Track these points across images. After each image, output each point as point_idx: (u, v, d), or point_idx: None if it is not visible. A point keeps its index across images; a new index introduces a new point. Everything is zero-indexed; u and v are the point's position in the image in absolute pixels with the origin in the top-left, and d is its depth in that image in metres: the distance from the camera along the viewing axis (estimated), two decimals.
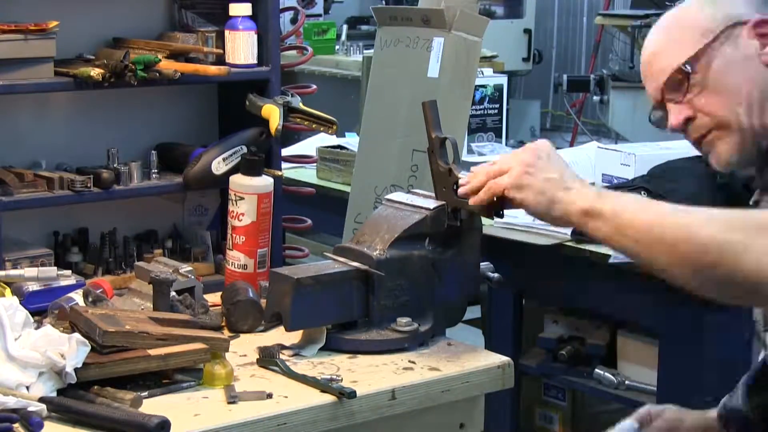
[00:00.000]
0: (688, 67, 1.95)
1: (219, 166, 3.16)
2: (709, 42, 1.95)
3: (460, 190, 2.03)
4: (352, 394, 1.94)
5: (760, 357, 2.10)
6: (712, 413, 2.16)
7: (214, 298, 2.39)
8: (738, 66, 1.94)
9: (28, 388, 1.86)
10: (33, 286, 2.36)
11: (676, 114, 1.99)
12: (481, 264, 2.27)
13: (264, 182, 2.58)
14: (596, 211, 1.83)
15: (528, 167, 1.90)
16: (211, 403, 1.91)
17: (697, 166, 3.15)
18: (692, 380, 3.05)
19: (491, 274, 2.27)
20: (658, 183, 3.18)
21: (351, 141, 4.18)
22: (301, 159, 3.79)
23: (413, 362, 2.10)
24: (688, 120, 1.98)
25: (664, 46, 2.01)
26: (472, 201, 1.98)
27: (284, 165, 3.44)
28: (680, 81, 1.97)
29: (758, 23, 1.95)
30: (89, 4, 3.26)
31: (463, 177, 2.08)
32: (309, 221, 3.54)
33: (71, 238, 3.30)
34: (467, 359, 2.13)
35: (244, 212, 2.54)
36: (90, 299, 2.21)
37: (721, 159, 1.99)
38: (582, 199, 1.85)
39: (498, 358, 2.15)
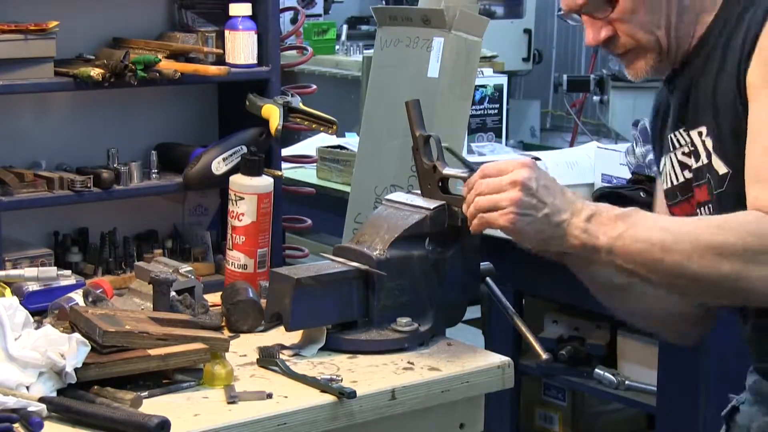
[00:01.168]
0: None
1: (219, 166, 3.16)
2: None
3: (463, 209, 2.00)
4: (352, 394, 1.94)
5: None
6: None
7: (214, 298, 2.39)
8: None
9: (28, 388, 1.86)
10: (33, 286, 2.36)
11: (595, 31, 1.98)
12: (481, 264, 2.27)
13: (264, 182, 2.58)
14: (590, 246, 1.84)
15: (519, 209, 1.86)
16: (211, 403, 1.91)
17: None
18: (692, 380, 3.05)
19: (490, 273, 2.27)
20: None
21: (351, 141, 4.19)
22: (301, 159, 3.79)
23: (413, 362, 2.10)
24: (609, 39, 1.98)
25: None
26: (471, 229, 1.97)
27: (284, 165, 3.44)
28: (603, 1, 1.95)
29: None
30: (89, 4, 3.26)
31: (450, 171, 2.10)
32: (309, 221, 3.54)
33: (71, 238, 3.30)
34: (467, 359, 2.13)
35: (244, 212, 2.54)
36: (90, 299, 2.21)
37: (639, 73, 2.01)
38: (574, 236, 1.85)
39: (498, 358, 2.15)
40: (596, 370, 3.43)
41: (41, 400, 1.83)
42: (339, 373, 2.03)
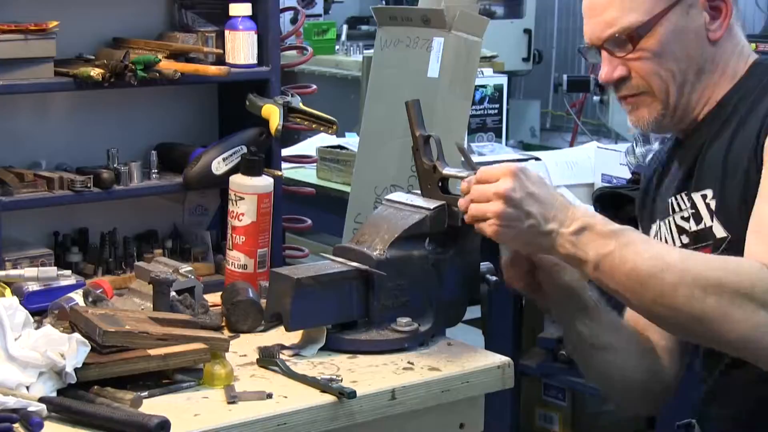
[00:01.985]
0: (640, 32, 1.92)
1: (219, 166, 3.16)
2: (666, 8, 1.92)
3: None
4: (352, 394, 1.94)
5: None
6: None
7: (214, 298, 2.39)
8: (685, 38, 1.93)
9: (28, 388, 1.86)
10: (33, 286, 2.36)
11: (610, 68, 1.97)
12: (481, 264, 2.27)
13: (264, 182, 2.58)
14: (577, 258, 1.83)
15: (502, 221, 1.85)
16: (211, 403, 1.91)
17: None
18: (692, 380, 3.05)
19: (490, 278, 2.27)
20: None
21: (351, 141, 4.19)
22: (301, 159, 3.79)
23: (413, 362, 2.10)
24: (622, 79, 1.97)
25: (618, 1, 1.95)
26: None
27: (284, 165, 3.44)
28: (626, 41, 1.94)
29: None
30: (89, 4, 3.26)
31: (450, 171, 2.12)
32: (309, 221, 3.54)
33: (71, 238, 3.30)
34: (467, 359, 2.13)
35: (244, 212, 2.54)
36: (90, 299, 2.21)
37: (640, 121, 1.99)
38: (562, 246, 1.84)
39: (498, 358, 2.15)
40: None
41: (41, 400, 1.83)
42: (339, 373, 2.03)
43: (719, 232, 1.90)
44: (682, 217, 1.98)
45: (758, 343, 1.73)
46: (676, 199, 2.01)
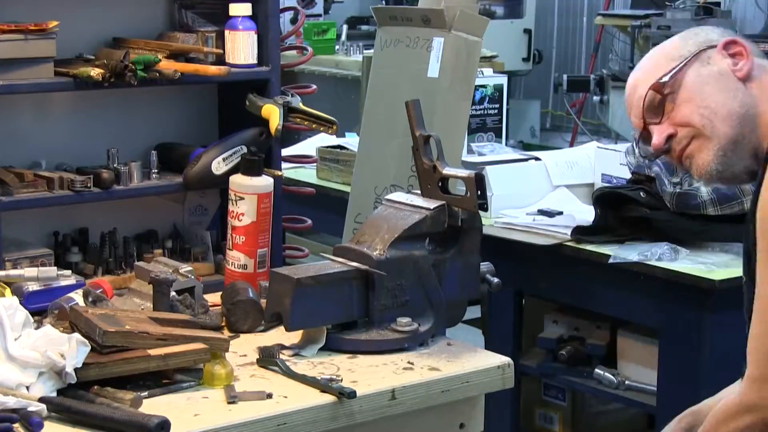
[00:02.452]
0: (662, 85, 2.00)
1: (219, 166, 3.16)
2: (682, 63, 2.02)
3: None
4: (352, 394, 1.94)
5: None
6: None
7: (214, 298, 2.39)
8: (711, 79, 2.01)
9: (28, 388, 1.86)
10: (33, 286, 2.36)
11: (658, 134, 2.04)
12: (481, 264, 2.27)
13: (264, 182, 2.58)
14: None
15: None
16: (211, 403, 1.91)
17: None
18: (692, 380, 3.05)
19: (491, 278, 2.27)
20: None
21: (351, 141, 4.18)
22: (301, 159, 3.79)
23: (413, 362, 2.10)
24: (670, 137, 2.02)
25: (642, 75, 2.07)
26: None
27: (284, 165, 3.44)
28: (657, 102, 2.02)
29: (727, 44, 2.03)
30: (89, 4, 3.26)
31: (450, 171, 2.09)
32: (309, 221, 3.54)
33: (71, 238, 3.30)
34: (467, 359, 2.13)
35: (244, 212, 2.54)
36: (90, 299, 2.21)
37: (701, 169, 2.02)
38: None
39: (498, 358, 2.15)
40: (596, 370, 3.42)
41: (41, 400, 1.83)
42: (339, 373, 2.03)
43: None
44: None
45: None
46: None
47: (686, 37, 2.07)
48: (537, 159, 3.79)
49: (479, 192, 2.14)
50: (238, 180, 2.58)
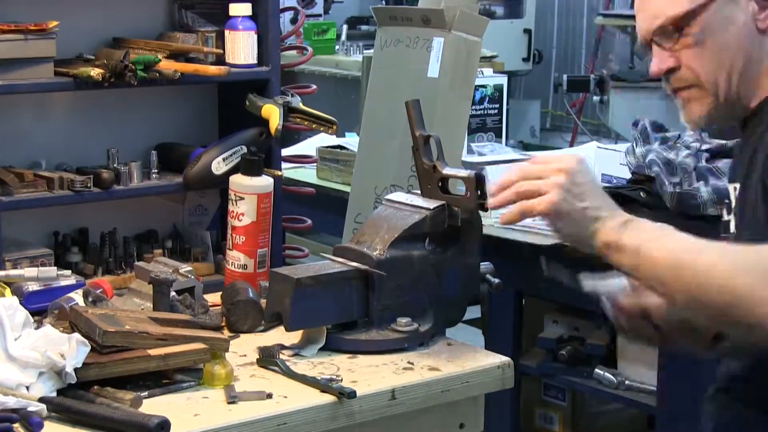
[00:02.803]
0: (685, 21, 1.93)
1: (219, 166, 3.16)
2: None
3: (490, 203, 1.95)
4: (352, 394, 1.94)
5: None
6: None
7: (214, 298, 2.39)
8: (731, 27, 1.92)
9: (28, 388, 1.86)
10: (33, 286, 2.36)
11: (660, 61, 1.97)
12: (481, 264, 2.27)
13: (264, 182, 2.58)
14: (619, 246, 1.82)
15: (566, 194, 1.83)
16: (211, 403, 1.91)
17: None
18: (692, 380, 3.05)
19: (492, 279, 2.27)
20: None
21: (351, 141, 4.18)
22: (301, 159, 3.79)
23: (413, 362, 2.10)
24: (671, 70, 1.97)
25: None
26: (501, 220, 1.94)
27: (284, 165, 3.44)
28: (673, 31, 1.95)
29: None
30: (89, 4, 3.26)
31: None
32: (309, 221, 3.54)
33: (71, 238, 3.30)
34: (467, 359, 2.13)
35: (244, 212, 2.54)
36: (90, 299, 2.21)
37: (691, 117, 1.99)
38: (606, 232, 1.83)
39: (498, 358, 2.15)
40: (596, 370, 3.42)
41: (41, 400, 1.83)
42: (339, 373, 2.03)
43: (731, 227, 1.90)
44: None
45: None
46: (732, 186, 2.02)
47: None
48: None
49: (479, 192, 2.14)
50: (238, 180, 2.58)
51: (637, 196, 3.22)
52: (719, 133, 3.36)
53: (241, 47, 3.23)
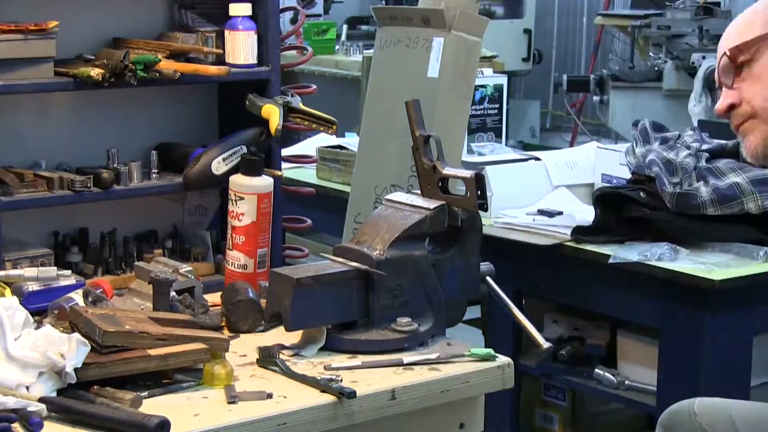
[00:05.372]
0: (738, 52, 1.96)
1: (219, 166, 3.16)
2: (764, 32, 1.95)
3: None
4: (352, 394, 1.94)
5: None
6: None
7: (214, 298, 2.39)
8: None
9: (28, 388, 1.86)
10: (33, 286, 2.36)
11: (723, 99, 2.01)
12: (481, 264, 2.27)
13: (264, 182, 2.58)
14: None
15: None
16: (211, 403, 1.91)
17: None
18: (692, 380, 3.05)
19: (489, 278, 2.27)
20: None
21: (351, 141, 4.18)
22: (301, 159, 3.79)
23: (413, 362, 2.10)
24: (732, 107, 1.99)
25: (732, 28, 2.01)
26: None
27: (284, 165, 3.44)
28: (732, 66, 1.98)
29: None
30: (89, 4, 3.26)
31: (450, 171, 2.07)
32: (309, 221, 3.54)
33: (71, 238, 3.30)
34: (467, 359, 2.13)
35: (244, 212, 2.54)
36: (90, 299, 2.21)
37: (749, 149, 2.01)
38: None
39: (498, 358, 2.15)
40: (596, 370, 3.42)
41: (41, 400, 1.83)
42: (339, 373, 2.03)
43: None
44: None
45: None
46: None
47: None
48: (537, 159, 3.79)
49: (479, 192, 2.14)
50: (238, 180, 2.58)
51: (637, 196, 3.22)
52: (719, 133, 3.36)
53: (241, 47, 3.23)
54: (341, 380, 1.99)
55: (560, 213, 3.47)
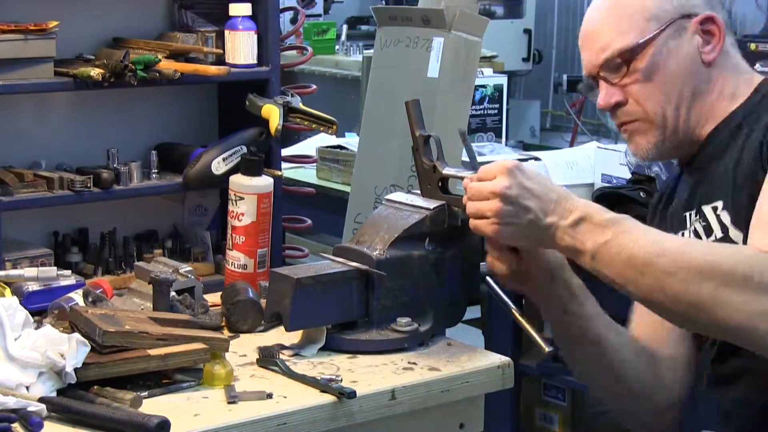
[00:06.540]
0: (632, 54, 1.93)
1: (219, 166, 3.17)
2: (657, 31, 1.93)
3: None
4: (351, 394, 1.94)
5: None
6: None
7: (214, 298, 2.39)
8: (678, 61, 1.94)
9: (28, 388, 1.86)
10: (33, 286, 2.36)
11: (607, 95, 1.97)
12: (481, 264, 2.27)
13: (264, 182, 2.58)
14: (575, 250, 1.83)
15: (501, 219, 1.84)
16: (211, 403, 1.91)
17: None
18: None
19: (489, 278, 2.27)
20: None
21: (351, 141, 4.19)
22: (301, 159, 3.79)
23: (413, 362, 2.10)
24: (618, 104, 1.97)
25: (610, 22, 1.96)
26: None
27: (284, 165, 3.44)
28: (619, 65, 1.95)
29: (705, 20, 1.95)
30: (89, 4, 3.26)
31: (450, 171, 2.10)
32: (309, 221, 3.54)
33: (71, 238, 3.30)
34: (467, 359, 2.13)
35: (244, 212, 2.54)
36: (90, 299, 2.21)
37: (639, 150, 2.00)
38: (561, 238, 1.83)
39: (498, 358, 2.16)
40: None
41: (41, 400, 1.83)
42: (339, 373, 2.03)
43: (738, 239, 1.88)
44: (695, 231, 1.99)
45: (757, 330, 1.69)
46: (688, 215, 2.01)
47: None
48: (537, 159, 3.79)
49: None
50: (238, 180, 2.58)
51: (637, 196, 3.22)
52: None
53: (241, 47, 3.23)
54: (341, 380, 1.99)
55: None
